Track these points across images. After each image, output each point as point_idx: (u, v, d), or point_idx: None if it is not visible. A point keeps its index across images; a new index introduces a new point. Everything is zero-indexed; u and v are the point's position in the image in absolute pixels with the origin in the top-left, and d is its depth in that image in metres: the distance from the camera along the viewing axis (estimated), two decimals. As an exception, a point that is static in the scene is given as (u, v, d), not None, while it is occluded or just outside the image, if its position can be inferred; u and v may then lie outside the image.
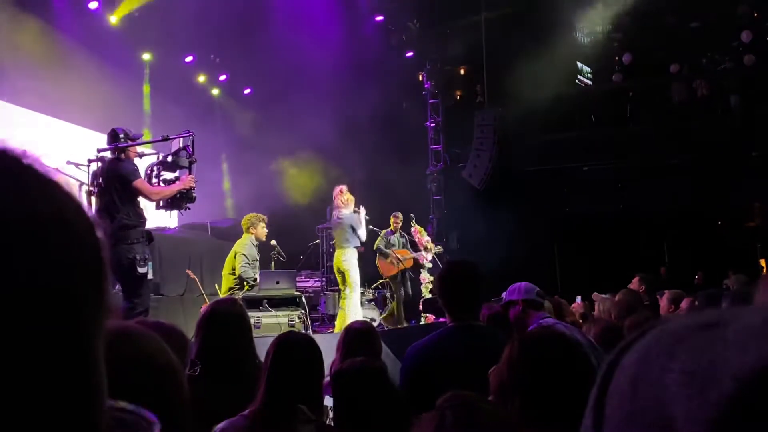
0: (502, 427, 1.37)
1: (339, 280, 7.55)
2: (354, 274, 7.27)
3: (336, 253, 7.49)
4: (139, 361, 0.98)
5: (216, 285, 7.49)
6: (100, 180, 4.94)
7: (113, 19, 9.92)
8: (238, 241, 7.16)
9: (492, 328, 2.74)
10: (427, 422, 1.29)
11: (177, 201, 5.18)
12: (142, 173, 5.18)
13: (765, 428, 0.28)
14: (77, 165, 5.61)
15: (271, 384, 2.19)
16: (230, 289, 6.89)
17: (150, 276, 4.98)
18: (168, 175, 5.25)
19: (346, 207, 7.33)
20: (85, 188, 5.20)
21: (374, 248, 8.89)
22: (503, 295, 3.32)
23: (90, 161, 5.38)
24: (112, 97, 9.59)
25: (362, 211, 7.48)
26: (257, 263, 7.10)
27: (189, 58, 11.64)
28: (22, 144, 0.52)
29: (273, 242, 7.95)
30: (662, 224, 11.78)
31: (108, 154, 5.10)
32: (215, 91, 12.66)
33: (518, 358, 1.58)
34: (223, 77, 12.50)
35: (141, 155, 5.38)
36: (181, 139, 5.34)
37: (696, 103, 12.01)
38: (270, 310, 6.31)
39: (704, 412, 0.30)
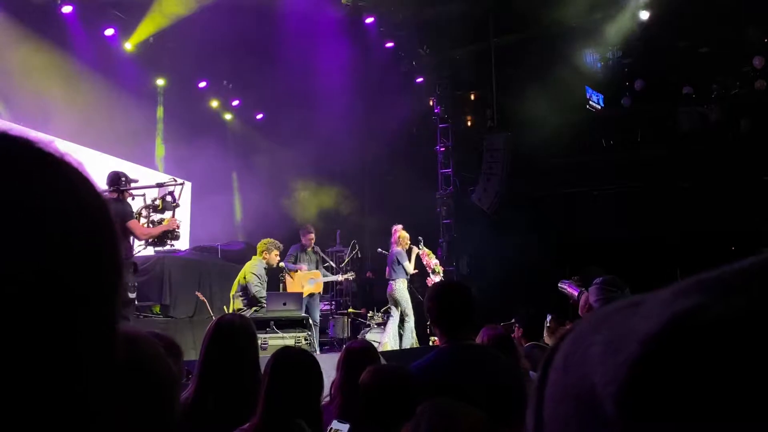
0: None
1: (392, 304, 8.50)
2: (405, 303, 8.31)
3: (389, 285, 8.48)
4: (142, 364, 1.01)
5: (225, 307, 7.53)
6: None
7: (128, 45, 10.12)
8: (248, 263, 7.26)
9: (484, 347, 2.74)
10: (405, 430, 1.29)
11: (162, 239, 6.07)
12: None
13: (663, 384, 0.31)
14: None
15: (269, 398, 2.19)
16: (238, 310, 6.94)
17: (135, 300, 5.85)
18: (156, 216, 6.11)
19: (398, 244, 8.42)
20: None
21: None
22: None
23: None
24: (126, 121, 9.76)
25: (414, 249, 8.60)
26: (265, 284, 7.20)
27: (202, 84, 11.83)
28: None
29: (281, 264, 7.99)
30: (674, 249, 11.67)
31: (108, 195, 5.76)
32: (228, 116, 12.83)
33: None
34: (235, 102, 12.67)
35: (134, 196, 6.15)
36: (170, 186, 6.28)
37: (707, 128, 11.98)
38: (277, 332, 6.31)
39: (615, 374, 0.33)
